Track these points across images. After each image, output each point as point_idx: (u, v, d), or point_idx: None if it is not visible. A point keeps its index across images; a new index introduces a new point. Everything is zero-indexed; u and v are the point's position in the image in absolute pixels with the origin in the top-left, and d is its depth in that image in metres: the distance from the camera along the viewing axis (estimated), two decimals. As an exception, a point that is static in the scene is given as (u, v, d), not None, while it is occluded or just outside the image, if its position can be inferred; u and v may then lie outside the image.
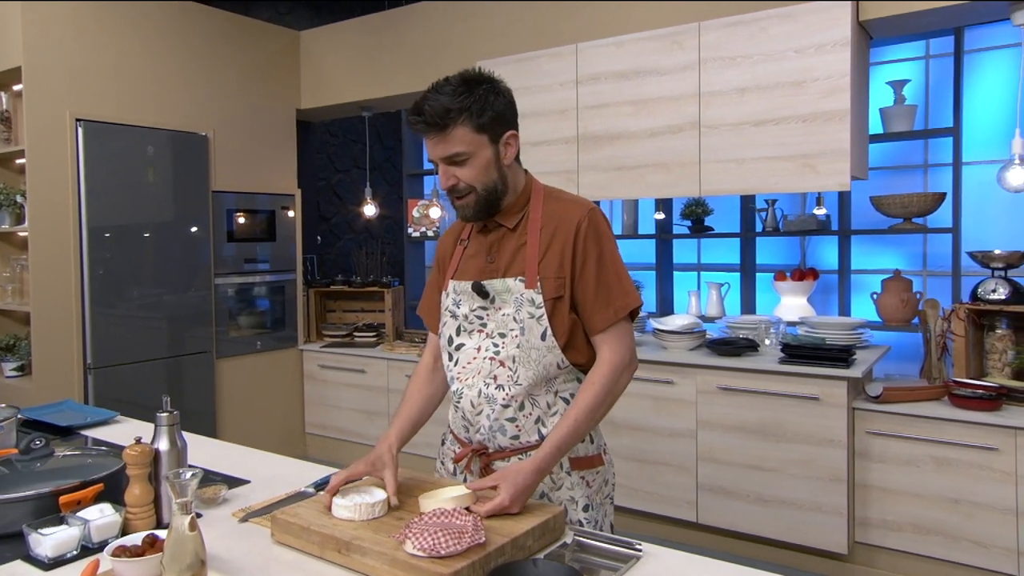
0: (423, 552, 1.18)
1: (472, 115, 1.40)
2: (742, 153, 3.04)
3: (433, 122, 1.39)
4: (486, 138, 1.43)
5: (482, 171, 1.44)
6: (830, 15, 2.81)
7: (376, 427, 4.32)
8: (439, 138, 1.41)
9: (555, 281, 1.46)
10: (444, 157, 1.43)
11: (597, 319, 1.46)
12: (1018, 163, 2.71)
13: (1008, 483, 2.64)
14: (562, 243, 1.47)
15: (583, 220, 1.47)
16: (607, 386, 1.44)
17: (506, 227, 1.52)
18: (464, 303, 1.54)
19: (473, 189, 1.45)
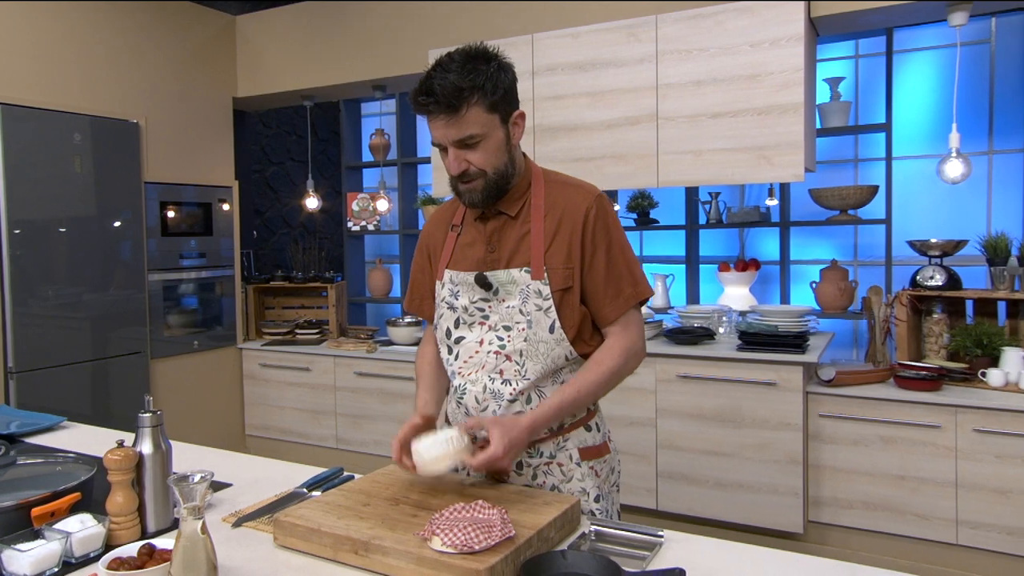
0: (454, 548, 1.13)
1: (485, 94, 1.33)
2: (699, 145, 3.10)
3: (447, 102, 1.31)
4: (498, 118, 1.37)
5: (493, 154, 1.38)
6: (784, 11, 2.89)
7: (322, 426, 4.19)
8: (451, 119, 1.33)
9: (563, 271, 1.41)
10: (457, 140, 1.35)
11: (608, 310, 1.43)
12: (955, 156, 2.86)
13: (948, 458, 2.79)
14: (569, 232, 1.42)
15: (591, 207, 1.43)
16: (615, 368, 1.43)
17: (507, 215, 1.46)
18: (463, 294, 1.48)
19: (484, 173, 1.39)
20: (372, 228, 5.17)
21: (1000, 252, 2.93)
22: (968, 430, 2.75)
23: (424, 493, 1.40)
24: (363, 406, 4.07)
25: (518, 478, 1.47)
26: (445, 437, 1.31)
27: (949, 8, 2.81)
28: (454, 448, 1.30)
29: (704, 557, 1.22)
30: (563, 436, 1.46)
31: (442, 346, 1.54)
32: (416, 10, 3.82)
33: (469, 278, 1.47)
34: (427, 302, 1.61)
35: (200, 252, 4.22)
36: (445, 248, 1.54)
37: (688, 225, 4.32)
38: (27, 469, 1.49)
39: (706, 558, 1.21)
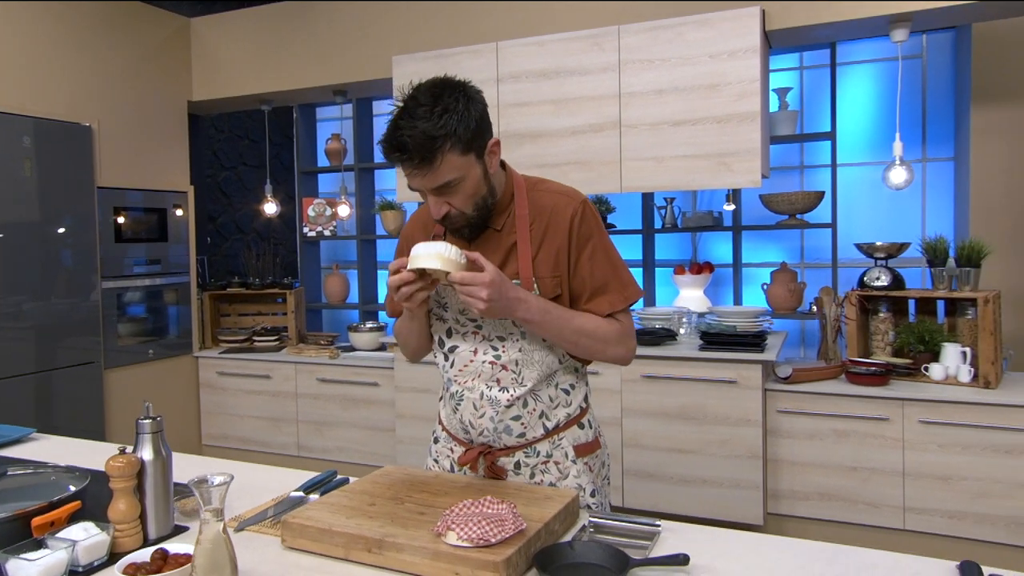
0: (471, 542, 1.17)
1: (459, 138, 1.30)
2: (661, 152, 3.20)
3: (420, 155, 1.28)
4: (473, 156, 1.35)
5: (472, 193, 1.37)
6: (742, 23, 3.02)
7: (284, 434, 4.15)
8: (426, 171, 1.31)
9: (551, 280, 1.44)
10: (434, 188, 1.34)
11: (602, 311, 1.45)
12: (899, 164, 3.04)
13: (896, 448, 2.96)
14: (556, 239, 1.44)
15: (576, 213, 1.45)
16: (607, 334, 1.44)
17: (492, 228, 1.46)
18: (453, 306, 1.50)
19: (463, 214, 1.39)
20: (328, 233, 5.13)
21: (939, 254, 3.12)
22: (914, 421, 2.92)
23: (428, 492, 1.43)
24: (326, 413, 4.04)
25: (516, 477, 1.51)
26: (444, 244, 1.31)
27: (891, 25, 2.98)
28: (449, 254, 1.29)
29: (702, 544, 1.28)
30: (558, 435, 1.51)
31: (438, 353, 1.57)
32: (380, 16, 3.83)
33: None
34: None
35: (155, 259, 4.12)
36: None
37: (644, 229, 4.43)
38: (16, 480, 1.46)
39: (704, 545, 1.28)
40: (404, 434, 3.74)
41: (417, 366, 3.68)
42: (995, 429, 2.81)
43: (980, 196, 3.70)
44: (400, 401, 3.73)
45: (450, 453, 1.60)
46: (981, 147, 3.68)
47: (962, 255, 3.05)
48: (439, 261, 1.29)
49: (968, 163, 3.73)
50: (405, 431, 3.73)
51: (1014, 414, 2.79)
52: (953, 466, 2.88)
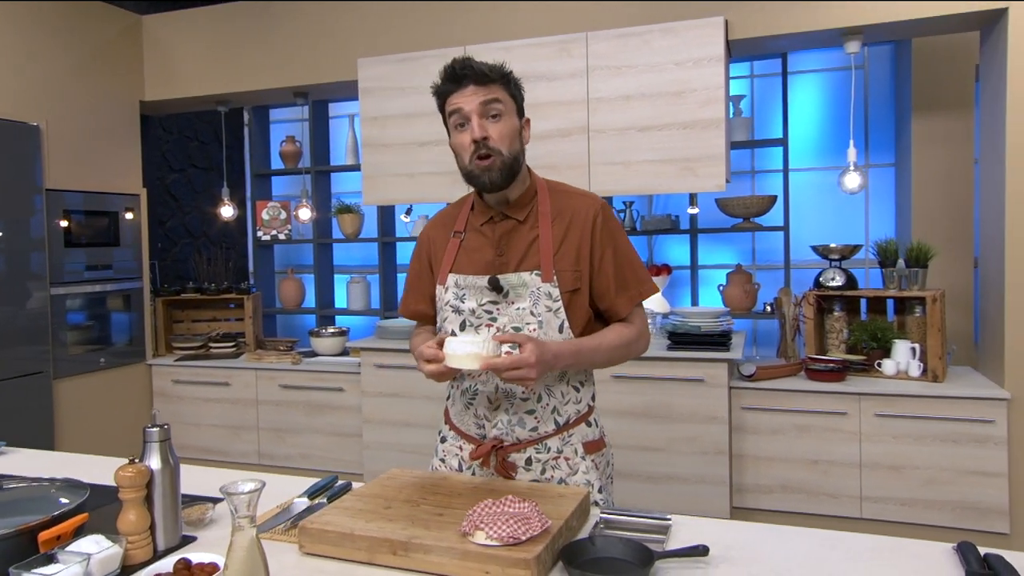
0: (500, 541, 1.19)
1: (509, 83, 1.51)
2: (629, 156, 3.28)
3: (480, 73, 1.46)
4: (515, 107, 1.51)
5: (509, 135, 1.48)
6: (706, 33, 3.12)
7: (244, 442, 4.05)
8: (479, 88, 1.46)
9: (572, 274, 1.50)
10: (484, 101, 1.46)
11: (620, 307, 1.54)
12: (853, 169, 3.19)
13: (854, 441, 3.10)
14: (578, 236, 1.51)
15: (598, 214, 1.53)
16: (630, 339, 1.54)
17: (516, 219, 1.54)
18: (471, 298, 1.53)
19: (500, 152, 1.47)
20: (283, 237, 5.04)
21: (890, 255, 3.29)
22: (870, 415, 3.07)
23: (442, 494, 1.44)
24: (288, 419, 3.97)
25: (526, 473, 1.54)
26: (481, 338, 1.34)
27: (844, 37, 3.13)
28: (487, 350, 1.33)
29: (714, 536, 1.33)
30: (568, 431, 1.55)
31: None
32: (344, 18, 3.79)
33: (479, 281, 1.52)
34: (424, 305, 1.65)
35: (105, 264, 3.97)
36: (447, 253, 1.59)
37: (604, 232, 4.51)
38: (12, 494, 1.40)
39: (716, 536, 1.32)
40: (371, 439, 3.70)
41: (384, 371, 3.65)
42: (943, 420, 2.98)
43: (921, 201, 3.90)
44: (367, 406, 3.70)
45: (459, 451, 1.62)
46: (922, 154, 3.89)
47: (911, 256, 3.22)
48: (478, 361, 1.34)
49: (909, 169, 3.94)
50: (372, 436, 3.70)
51: (960, 405, 2.97)
52: (905, 456, 3.03)
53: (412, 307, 1.68)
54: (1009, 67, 2.84)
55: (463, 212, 1.61)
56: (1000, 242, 2.96)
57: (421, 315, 1.67)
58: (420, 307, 1.66)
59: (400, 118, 3.64)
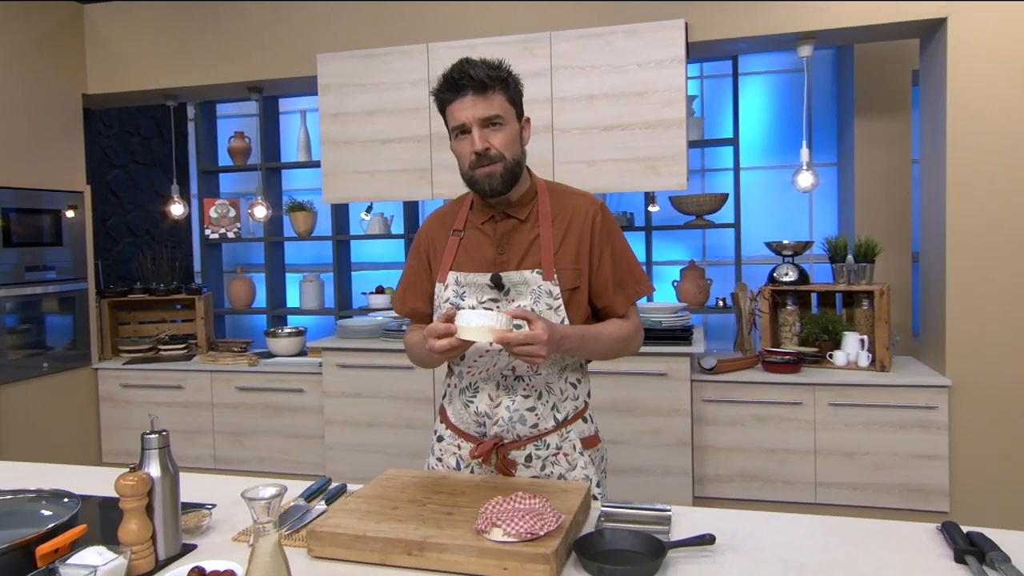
0: (518, 537, 1.20)
1: (508, 87, 1.50)
2: (593, 155, 3.32)
3: (479, 82, 1.45)
4: (515, 112, 1.52)
5: (511, 141, 1.50)
6: (668, 35, 3.19)
7: (198, 446, 3.94)
8: (480, 99, 1.46)
9: (572, 272, 1.52)
10: (484, 117, 1.46)
11: (618, 305, 1.57)
12: (806, 169, 3.31)
13: (809, 430, 3.23)
14: (578, 235, 1.53)
15: (597, 214, 1.56)
16: (629, 334, 1.58)
17: (517, 219, 1.55)
18: (471, 295, 1.54)
19: (503, 157, 1.48)
20: (232, 236, 4.92)
21: (839, 251, 3.43)
22: (824, 404, 3.20)
23: (445, 493, 1.44)
24: (245, 422, 3.88)
25: (526, 470, 1.56)
26: (493, 314, 1.35)
27: (798, 41, 3.25)
28: (500, 324, 1.34)
29: (713, 525, 1.37)
30: (566, 427, 1.57)
31: None
32: (301, 11, 3.71)
33: (480, 279, 1.52)
34: (422, 304, 1.65)
35: (46, 264, 3.80)
36: (447, 251, 1.59)
37: (561, 230, 4.56)
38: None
39: (715, 526, 1.37)
40: (334, 440, 3.66)
41: (347, 371, 3.61)
42: (891, 408, 3.14)
43: (863, 199, 4.09)
44: (329, 407, 3.65)
45: (456, 450, 1.62)
46: (864, 155, 4.07)
47: (859, 252, 3.37)
48: (490, 334, 1.34)
49: (852, 169, 4.12)
50: (335, 437, 3.65)
51: (906, 393, 3.13)
52: (856, 443, 3.17)
53: (410, 305, 1.67)
54: (949, 73, 3.01)
55: (462, 210, 1.62)
56: (941, 239, 3.13)
57: (419, 313, 1.67)
58: (418, 305, 1.66)
59: (361, 115, 3.60)
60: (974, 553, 1.22)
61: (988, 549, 1.22)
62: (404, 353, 3.46)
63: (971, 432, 3.10)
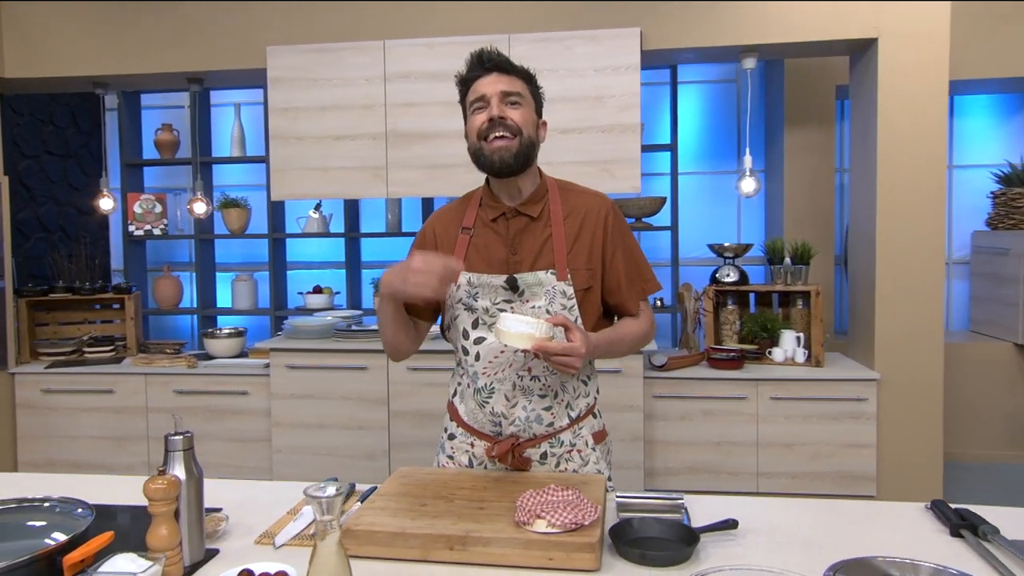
0: (562, 528, 1.23)
1: (531, 81, 1.57)
2: (551, 158, 3.36)
3: (503, 64, 1.52)
4: (534, 104, 1.56)
5: (528, 121, 1.53)
6: (624, 42, 3.29)
7: (130, 454, 3.74)
8: (502, 76, 1.51)
9: (585, 272, 1.54)
10: (505, 91, 1.50)
11: (630, 303, 1.60)
12: (749, 175, 3.49)
13: (752, 423, 3.40)
14: (590, 235, 1.55)
15: (609, 213, 1.58)
16: (644, 332, 1.62)
17: (529, 216, 1.55)
18: (484, 296, 1.53)
19: (520, 132, 1.50)
20: (159, 232, 4.69)
21: (777, 253, 3.64)
22: (766, 398, 3.38)
23: (468, 488, 1.46)
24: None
25: (541, 467, 1.58)
26: (535, 321, 1.36)
27: (742, 54, 3.42)
28: (540, 332, 1.35)
29: (727, 511, 1.45)
30: (579, 424, 1.61)
31: (458, 345, 1.58)
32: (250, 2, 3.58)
33: (494, 280, 1.52)
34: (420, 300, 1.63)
35: (-40, 260, 3.51)
36: (457, 249, 1.57)
37: (505, 230, 4.60)
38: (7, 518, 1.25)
39: (729, 511, 1.44)
40: (282, 443, 3.56)
41: (296, 372, 3.52)
42: (826, 400, 3.35)
43: (792, 204, 4.34)
44: (277, 409, 3.55)
45: (469, 448, 1.62)
46: (793, 163, 4.33)
47: (796, 255, 3.58)
48: (530, 342, 1.35)
49: (780, 176, 4.36)
50: (283, 440, 3.55)
51: (839, 386, 3.35)
52: (795, 434, 3.37)
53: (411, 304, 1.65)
54: (879, 89, 3.24)
55: (471, 208, 1.60)
56: (871, 244, 3.36)
57: (415, 309, 1.63)
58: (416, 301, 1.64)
59: (314, 110, 3.52)
60: (967, 527, 1.34)
61: (978, 523, 1.34)
62: (358, 353, 3.45)
63: (896, 421, 3.35)
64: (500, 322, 1.37)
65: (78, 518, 1.25)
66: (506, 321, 1.36)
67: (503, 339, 1.36)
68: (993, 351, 4.38)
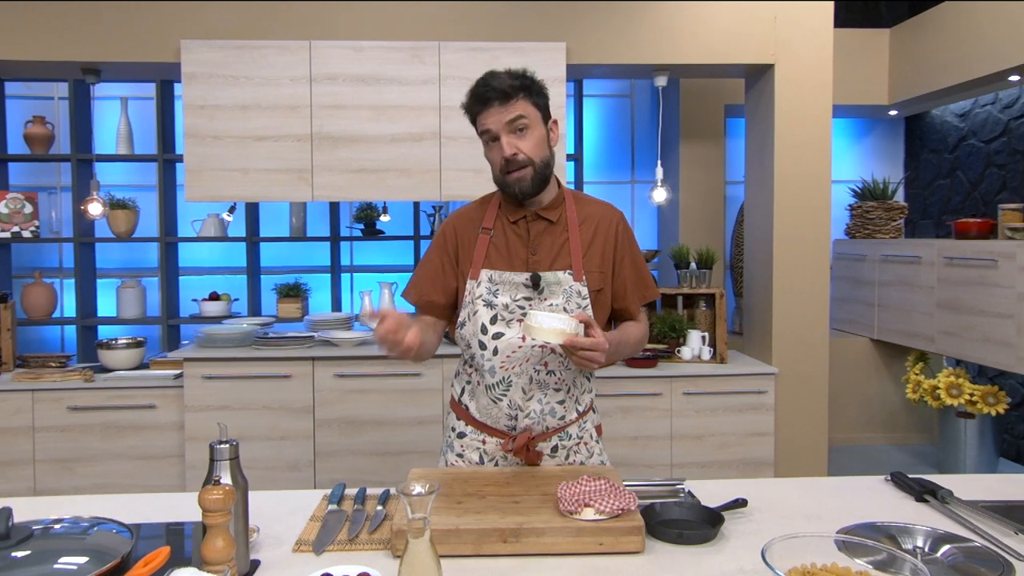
0: (609, 514, 1.32)
1: (531, 93, 1.59)
2: (480, 163, 3.36)
3: (502, 92, 1.54)
4: (540, 115, 1.60)
5: (538, 145, 1.58)
6: (550, 56, 3.41)
7: (10, 480, 3.39)
8: (503, 107, 1.54)
9: (598, 275, 1.64)
10: (509, 121, 1.55)
11: (633, 307, 1.72)
12: (660, 185, 3.73)
13: (666, 418, 3.63)
14: (603, 242, 1.66)
15: (620, 223, 1.70)
16: (643, 337, 1.74)
17: (549, 220, 1.64)
18: (504, 293, 1.60)
19: (531, 162, 1.57)
20: (29, 235, 4.27)
21: (683, 258, 3.91)
22: (679, 394, 3.62)
23: (494, 484, 1.50)
24: (77, 446, 3.41)
25: (551, 460, 1.66)
26: (566, 317, 1.42)
27: (655, 72, 3.66)
28: (570, 329, 1.41)
29: (729, 492, 1.59)
30: (584, 418, 1.70)
31: (475, 340, 1.62)
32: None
33: (516, 277, 1.59)
34: (439, 297, 1.67)
35: None
36: (477, 249, 1.63)
37: (416, 235, 4.61)
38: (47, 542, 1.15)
39: (731, 492, 1.58)
40: (197, 458, 3.36)
41: (214, 382, 3.34)
42: (731, 394, 3.64)
43: (687, 214, 4.67)
44: (191, 422, 3.35)
45: (480, 445, 1.67)
46: (687, 175, 4.66)
47: (701, 260, 3.87)
48: (560, 337, 1.41)
49: (676, 187, 4.68)
50: (198, 455, 3.36)
51: (742, 381, 3.65)
52: (704, 426, 3.64)
53: (428, 297, 1.67)
54: (776, 110, 3.58)
55: (490, 209, 1.68)
56: (768, 250, 3.70)
57: (434, 305, 1.68)
58: (436, 298, 1.67)
59: (234, 109, 3.36)
60: (928, 493, 1.56)
61: (936, 489, 1.57)
62: (281, 361, 3.34)
63: (790, 410, 3.71)
64: (532, 318, 1.42)
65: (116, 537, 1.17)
66: (538, 317, 1.42)
67: (535, 334, 1.42)
68: (852, 346, 4.93)
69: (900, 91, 4.72)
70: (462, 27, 3.45)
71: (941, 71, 4.32)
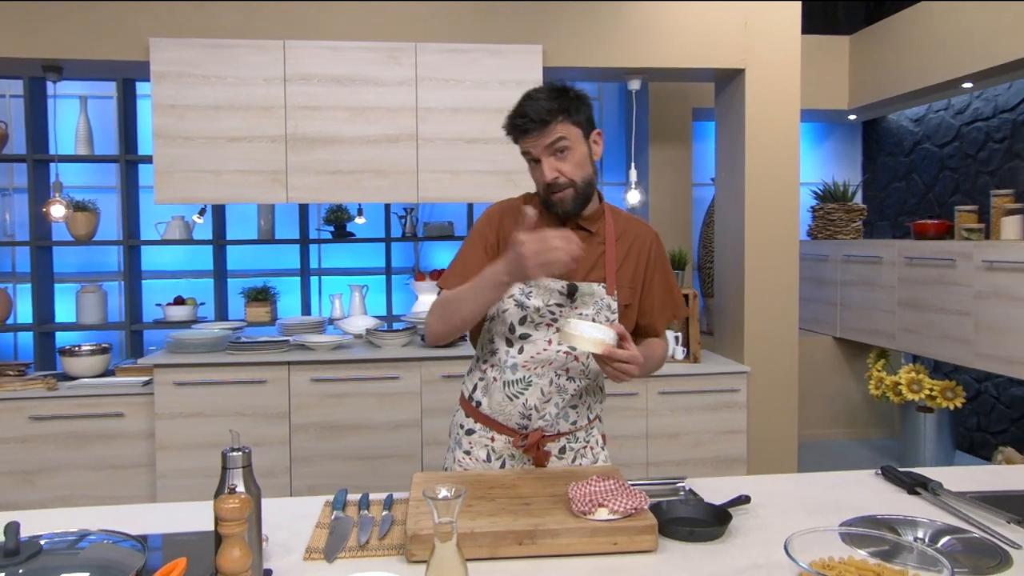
0: (622, 514, 1.33)
1: (570, 113, 1.55)
2: (456, 166, 3.43)
3: (539, 119, 1.52)
4: (581, 133, 1.58)
5: (579, 165, 1.57)
6: (527, 58, 3.42)
7: (-26, 493, 3.25)
8: (542, 132, 1.53)
9: (629, 290, 1.66)
10: (548, 145, 1.54)
11: (659, 325, 1.74)
12: (634, 187, 3.78)
13: (642, 417, 3.67)
14: (637, 257, 1.67)
15: (654, 241, 1.72)
16: (663, 356, 1.75)
17: (589, 231, 1.64)
18: (537, 296, 1.60)
19: (573, 184, 1.56)
20: None
21: (656, 260, 3.96)
22: (655, 394, 3.67)
23: (501, 487, 1.50)
24: (39, 458, 3.29)
25: (558, 461, 1.68)
26: (606, 328, 1.44)
27: (627, 75, 3.70)
28: (609, 340, 1.43)
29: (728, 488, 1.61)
30: (592, 425, 1.75)
31: (501, 338, 1.62)
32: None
33: (553, 284, 1.59)
34: None
35: None
36: None
37: (387, 238, 4.58)
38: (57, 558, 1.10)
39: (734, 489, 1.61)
40: (168, 467, 3.27)
41: (186, 388, 3.26)
42: (705, 392, 3.70)
43: (656, 215, 4.73)
44: (162, 430, 3.26)
45: (489, 443, 1.68)
46: (656, 177, 4.72)
47: (672, 261, 3.92)
48: (599, 347, 1.43)
49: (646, 189, 4.74)
50: (170, 463, 3.27)
51: (716, 380, 3.71)
52: (679, 425, 3.69)
53: (459, 284, 1.61)
54: (747, 114, 3.66)
55: None
56: (740, 252, 3.77)
57: None
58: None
59: (206, 109, 3.28)
60: (919, 485, 1.61)
61: (926, 482, 1.62)
62: (256, 366, 3.28)
63: (761, 408, 3.78)
64: (572, 327, 1.43)
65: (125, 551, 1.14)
66: (580, 326, 1.43)
67: (574, 342, 1.43)
68: (816, 344, 5.06)
69: (859, 96, 4.86)
70: (439, 28, 3.43)
71: (899, 77, 4.47)
